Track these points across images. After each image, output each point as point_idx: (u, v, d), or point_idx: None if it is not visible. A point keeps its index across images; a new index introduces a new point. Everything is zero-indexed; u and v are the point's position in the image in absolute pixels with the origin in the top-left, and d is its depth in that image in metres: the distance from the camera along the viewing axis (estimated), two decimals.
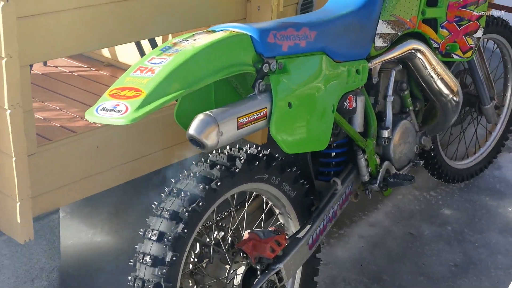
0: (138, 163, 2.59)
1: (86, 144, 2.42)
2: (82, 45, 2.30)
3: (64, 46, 2.24)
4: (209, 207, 1.93)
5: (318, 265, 2.36)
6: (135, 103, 1.67)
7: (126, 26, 2.38)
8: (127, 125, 2.34)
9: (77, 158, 2.40)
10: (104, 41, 2.37)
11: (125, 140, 2.52)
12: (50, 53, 2.25)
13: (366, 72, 2.28)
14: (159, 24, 2.49)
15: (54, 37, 2.19)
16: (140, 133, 2.54)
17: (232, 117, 1.79)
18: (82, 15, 2.23)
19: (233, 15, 2.73)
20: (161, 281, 1.82)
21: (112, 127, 2.48)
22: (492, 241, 2.95)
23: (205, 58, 1.78)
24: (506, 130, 3.44)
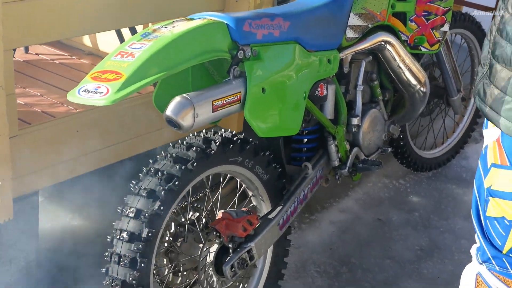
0: (116, 147, 2.66)
1: (66, 128, 2.50)
2: (64, 31, 2.38)
3: (47, 32, 2.31)
4: (185, 187, 2.02)
5: (289, 246, 2.46)
6: (115, 85, 1.75)
7: (108, 14, 2.45)
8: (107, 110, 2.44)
9: (57, 142, 2.47)
10: (86, 28, 2.45)
11: (104, 125, 2.59)
12: (33, 39, 2.32)
13: (337, 62, 2.38)
14: (140, 13, 2.57)
15: (37, 23, 2.26)
16: (119, 118, 2.62)
17: (207, 100, 1.88)
18: (65, 2, 2.31)
19: (212, 6, 2.82)
20: (137, 256, 1.91)
21: (92, 112, 2.56)
22: (457, 226, 3.08)
23: (183, 44, 1.86)
24: (473, 122, 3.57)
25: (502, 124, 1.61)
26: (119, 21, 2.54)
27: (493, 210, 1.68)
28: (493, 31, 1.68)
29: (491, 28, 1.71)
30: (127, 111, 2.65)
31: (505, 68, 1.60)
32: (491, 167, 1.69)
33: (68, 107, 2.76)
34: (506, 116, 1.59)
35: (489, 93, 1.64)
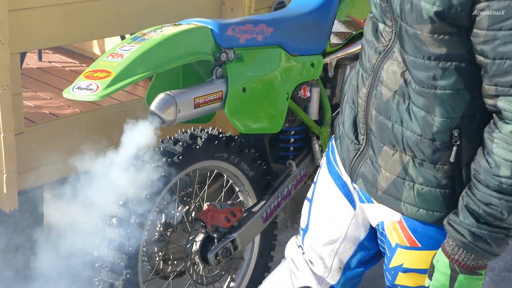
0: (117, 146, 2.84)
1: (70, 127, 2.68)
2: (68, 37, 2.57)
3: (51, 37, 2.51)
4: (171, 179, 2.18)
5: (275, 240, 2.61)
6: (104, 82, 1.93)
7: (109, 21, 2.65)
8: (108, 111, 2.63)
9: (60, 140, 2.66)
10: (89, 34, 2.64)
11: (105, 125, 2.78)
12: (38, 43, 2.53)
13: (320, 66, 2.54)
14: (139, 21, 2.76)
15: (42, 29, 2.45)
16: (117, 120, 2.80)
17: (189, 97, 2.05)
18: (68, 9, 2.50)
19: (209, 15, 3.00)
20: (125, 241, 2.08)
21: (94, 112, 2.75)
22: None
23: (168, 46, 2.04)
24: None
25: (405, 209, 1.55)
26: (119, 28, 2.72)
27: (407, 279, 1.68)
28: (363, 102, 1.57)
29: (357, 96, 1.60)
30: (128, 112, 2.82)
31: (397, 151, 1.52)
32: (396, 247, 1.64)
33: (74, 109, 2.96)
34: (410, 201, 1.54)
35: (380, 179, 1.56)
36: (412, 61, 1.42)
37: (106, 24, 2.65)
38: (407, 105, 1.46)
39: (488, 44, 1.32)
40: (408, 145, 1.49)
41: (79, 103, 2.96)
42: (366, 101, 1.55)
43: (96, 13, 2.58)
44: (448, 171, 1.48)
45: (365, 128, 1.57)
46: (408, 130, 1.47)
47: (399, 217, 1.59)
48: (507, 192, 1.37)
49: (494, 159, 1.36)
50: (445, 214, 1.51)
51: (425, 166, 1.49)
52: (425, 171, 1.49)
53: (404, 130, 1.48)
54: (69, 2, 2.50)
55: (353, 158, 1.62)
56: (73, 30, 2.54)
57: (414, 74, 1.43)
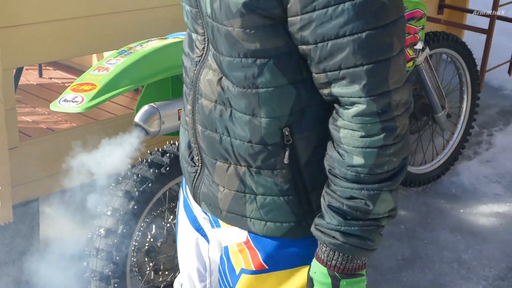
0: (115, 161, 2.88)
1: (64, 141, 2.73)
2: (59, 53, 2.63)
3: (42, 54, 2.57)
4: (159, 189, 2.22)
5: None
6: (89, 95, 1.98)
7: (98, 37, 2.70)
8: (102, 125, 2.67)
9: (55, 154, 2.71)
10: (79, 50, 2.70)
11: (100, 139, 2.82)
12: (31, 59, 2.58)
13: None
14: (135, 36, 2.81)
15: (34, 45, 2.51)
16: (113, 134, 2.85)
17: (174, 109, 2.10)
18: (60, 26, 2.56)
19: None
20: (113, 250, 2.12)
21: (87, 127, 2.80)
22: (441, 238, 3.20)
23: (152, 60, 2.09)
24: (463, 139, 3.70)
25: (253, 226, 1.41)
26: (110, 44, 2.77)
27: None
28: (190, 120, 1.44)
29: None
30: (124, 126, 2.87)
31: (231, 164, 1.40)
32: (241, 273, 1.46)
33: (71, 124, 3.01)
34: (255, 215, 1.40)
35: (220, 197, 1.43)
36: (228, 62, 1.31)
37: (99, 39, 2.70)
38: (229, 113, 1.35)
39: (306, 28, 1.21)
40: (240, 155, 1.37)
41: (76, 118, 3.02)
42: (192, 118, 1.43)
43: (87, 29, 2.63)
44: (287, 175, 1.36)
45: (197, 147, 1.45)
46: (237, 139, 1.36)
47: (245, 237, 1.44)
48: (366, 181, 1.27)
49: (344, 149, 1.27)
50: (295, 224, 1.39)
51: (263, 174, 1.37)
52: (264, 180, 1.37)
53: (233, 140, 1.36)
54: (60, 19, 2.56)
55: (193, 182, 1.50)
56: (65, 46, 2.60)
57: (232, 76, 1.32)
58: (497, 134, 4.21)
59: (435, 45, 3.31)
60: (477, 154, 3.95)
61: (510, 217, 3.36)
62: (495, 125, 4.36)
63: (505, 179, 3.72)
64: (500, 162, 3.86)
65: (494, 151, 3.99)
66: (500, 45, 5.36)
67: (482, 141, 4.13)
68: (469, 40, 4.86)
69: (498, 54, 5.08)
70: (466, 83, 3.60)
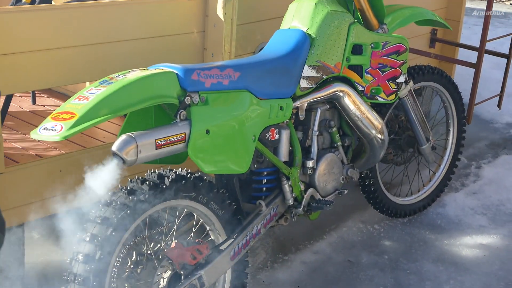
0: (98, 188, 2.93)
1: (50, 168, 2.79)
2: (49, 81, 2.70)
3: (32, 81, 2.64)
4: (138, 216, 2.26)
5: (246, 278, 2.67)
6: (68, 124, 2.04)
7: (91, 65, 2.77)
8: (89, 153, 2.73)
9: (41, 180, 2.76)
10: (69, 79, 2.77)
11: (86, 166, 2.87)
12: (20, 87, 2.66)
13: (290, 109, 2.63)
14: (124, 65, 2.88)
15: (24, 73, 2.59)
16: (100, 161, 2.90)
17: (151, 139, 2.15)
18: (49, 54, 2.64)
19: (191, 60, 3.12)
20: (90, 276, 2.16)
21: (75, 154, 2.86)
22: (424, 269, 3.23)
23: (131, 90, 2.15)
24: (449, 171, 3.74)
25: None
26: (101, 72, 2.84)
27: None
28: None
29: None
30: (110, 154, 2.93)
31: None
32: None
33: (60, 151, 3.06)
34: None
35: None
36: None
37: (92, 68, 2.77)
38: None
39: None
40: None
41: (65, 145, 3.07)
42: None
43: (80, 58, 2.71)
44: None
45: None
46: None
47: None
48: None
49: None
50: None
51: None
52: None
53: None
54: (49, 48, 2.63)
55: None
56: (54, 74, 2.67)
57: None
58: (485, 166, 4.25)
59: (420, 79, 3.37)
60: (464, 186, 3.99)
61: (493, 248, 3.39)
62: (484, 158, 4.40)
63: (491, 211, 3.75)
64: (487, 194, 3.90)
65: (481, 183, 4.02)
66: (492, 78, 5.43)
67: (470, 173, 4.17)
68: (462, 73, 4.94)
69: (490, 88, 5.15)
70: (452, 116, 3.65)
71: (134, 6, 2.93)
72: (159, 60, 2.96)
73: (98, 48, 2.79)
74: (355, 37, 2.84)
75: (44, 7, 2.88)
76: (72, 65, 2.73)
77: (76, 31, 2.71)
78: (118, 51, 2.85)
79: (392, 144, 3.41)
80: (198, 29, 3.08)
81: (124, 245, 2.28)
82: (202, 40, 3.11)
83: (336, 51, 2.78)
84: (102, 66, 2.80)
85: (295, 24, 2.79)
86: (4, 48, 2.50)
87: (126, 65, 2.84)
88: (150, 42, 2.97)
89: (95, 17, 2.77)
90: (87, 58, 2.76)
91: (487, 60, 5.10)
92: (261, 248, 3.29)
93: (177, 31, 3.03)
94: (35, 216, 2.80)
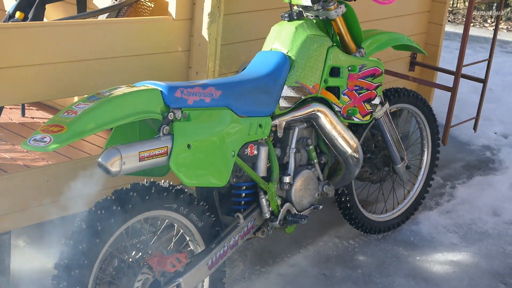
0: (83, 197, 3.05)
1: (38, 177, 2.90)
2: (37, 95, 2.82)
3: (23, 94, 2.76)
4: (121, 225, 2.38)
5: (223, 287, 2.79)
6: (56, 136, 2.16)
7: (79, 80, 2.90)
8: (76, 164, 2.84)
9: (29, 189, 2.87)
10: (58, 93, 2.89)
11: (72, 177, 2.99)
12: (11, 99, 2.78)
13: (268, 127, 2.76)
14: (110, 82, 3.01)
15: (15, 87, 2.71)
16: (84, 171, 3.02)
17: (134, 151, 2.28)
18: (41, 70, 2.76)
19: (176, 77, 3.26)
20: (74, 281, 2.27)
21: (63, 164, 2.98)
22: (396, 283, 3.36)
23: (117, 105, 2.28)
24: (423, 190, 3.89)
25: None
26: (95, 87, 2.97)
27: None
28: None
29: None
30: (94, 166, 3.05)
31: None
32: None
33: (48, 162, 3.18)
34: None
35: None
36: None
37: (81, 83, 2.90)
38: None
39: None
40: None
41: (52, 156, 3.19)
42: None
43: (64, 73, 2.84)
44: None
45: None
46: None
47: None
48: None
49: None
50: None
51: None
52: None
53: None
54: (40, 63, 2.76)
55: None
56: (44, 88, 2.80)
57: None
58: (459, 187, 4.40)
59: (395, 101, 3.52)
60: (438, 205, 4.13)
61: (464, 265, 3.53)
62: (459, 178, 4.55)
63: (462, 229, 3.89)
64: (459, 213, 4.04)
65: (454, 202, 4.17)
66: (470, 102, 5.59)
67: (445, 193, 4.31)
68: (442, 96, 5.09)
69: (467, 111, 5.30)
70: (426, 137, 3.80)
71: (122, 24, 3.07)
72: (146, 77, 3.08)
73: (87, 64, 2.92)
74: (333, 60, 2.99)
75: (35, 24, 3.03)
76: (61, 80, 2.86)
77: (66, 48, 2.84)
78: (106, 67, 2.98)
79: (368, 163, 3.55)
80: (183, 48, 3.22)
81: (107, 252, 2.40)
82: (187, 59, 3.25)
83: (315, 73, 2.93)
84: (90, 82, 2.93)
85: (276, 46, 2.93)
86: None
87: (114, 81, 2.97)
88: (137, 60, 3.10)
89: (85, 35, 2.90)
90: (76, 74, 2.89)
91: (466, 84, 5.28)
92: (240, 260, 3.41)
93: (163, 49, 3.17)
94: (21, 224, 2.91)
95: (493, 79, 6.14)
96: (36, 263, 3.17)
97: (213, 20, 3.12)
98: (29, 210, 2.89)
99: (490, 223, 3.97)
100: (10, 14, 3.34)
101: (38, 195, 2.90)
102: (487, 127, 5.35)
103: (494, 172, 4.68)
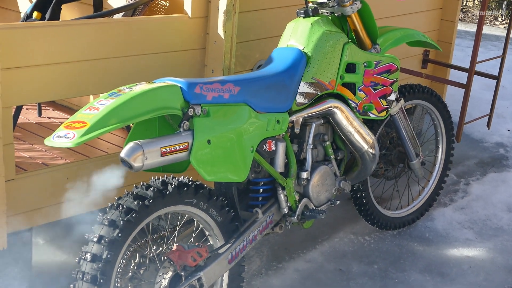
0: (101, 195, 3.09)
1: (58, 175, 2.93)
2: (55, 93, 2.85)
3: (40, 93, 2.79)
4: (142, 220, 2.41)
5: (242, 282, 2.81)
6: (80, 131, 2.19)
7: (95, 80, 2.93)
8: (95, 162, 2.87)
9: (49, 187, 2.91)
10: (74, 91, 2.92)
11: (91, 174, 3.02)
12: (28, 99, 2.81)
13: (286, 123, 2.78)
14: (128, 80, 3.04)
15: (32, 85, 2.74)
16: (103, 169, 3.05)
17: (156, 147, 2.31)
18: (58, 69, 2.79)
19: (192, 75, 3.29)
20: (98, 274, 2.30)
21: (82, 162, 3.01)
22: (411, 278, 3.37)
23: (138, 101, 2.31)
24: (438, 187, 3.90)
25: None
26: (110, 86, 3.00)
27: None
28: None
29: None
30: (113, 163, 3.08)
31: None
32: None
33: (66, 160, 3.21)
34: None
35: None
36: None
37: (96, 82, 2.93)
38: None
39: None
40: None
41: (71, 155, 3.22)
42: None
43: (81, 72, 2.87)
44: None
45: None
46: None
47: None
48: None
49: None
50: None
51: None
52: None
53: None
54: (57, 62, 2.79)
55: None
56: (61, 87, 2.83)
57: None
58: (473, 183, 4.41)
59: (410, 97, 3.54)
60: (452, 201, 4.14)
61: (479, 260, 3.54)
62: (473, 175, 4.56)
63: (477, 225, 3.90)
64: (474, 209, 4.05)
65: (469, 199, 4.18)
66: (483, 99, 5.60)
67: (459, 190, 4.32)
68: (454, 93, 5.10)
69: (480, 108, 5.32)
70: (441, 133, 3.81)
71: (139, 23, 3.10)
72: (162, 75, 3.11)
73: (104, 62, 2.95)
74: (349, 56, 3.01)
75: (53, 24, 3.06)
76: (78, 78, 2.89)
77: (83, 47, 2.87)
78: (123, 66, 3.01)
79: (383, 159, 3.57)
80: (199, 46, 3.25)
81: (129, 247, 2.43)
82: (203, 57, 3.28)
83: (331, 69, 2.95)
84: (107, 80, 2.96)
85: (292, 43, 2.95)
86: (15, 61, 2.65)
87: (130, 80, 2.99)
88: (153, 58, 3.13)
89: (102, 34, 2.93)
90: (93, 73, 2.92)
91: (478, 81, 5.30)
92: (256, 256, 3.43)
93: (179, 47, 3.20)
94: (43, 220, 2.95)
95: (505, 76, 6.14)
96: (57, 258, 3.20)
97: (229, 18, 3.14)
98: (50, 207, 2.92)
99: (505, 219, 3.98)
100: (27, 14, 3.38)
101: (57, 193, 2.93)
102: (500, 125, 5.36)
103: (508, 169, 4.69)
